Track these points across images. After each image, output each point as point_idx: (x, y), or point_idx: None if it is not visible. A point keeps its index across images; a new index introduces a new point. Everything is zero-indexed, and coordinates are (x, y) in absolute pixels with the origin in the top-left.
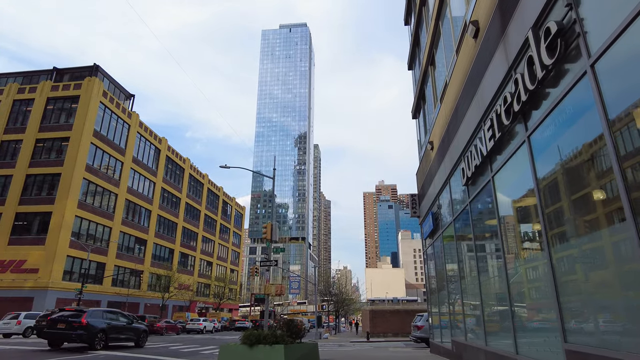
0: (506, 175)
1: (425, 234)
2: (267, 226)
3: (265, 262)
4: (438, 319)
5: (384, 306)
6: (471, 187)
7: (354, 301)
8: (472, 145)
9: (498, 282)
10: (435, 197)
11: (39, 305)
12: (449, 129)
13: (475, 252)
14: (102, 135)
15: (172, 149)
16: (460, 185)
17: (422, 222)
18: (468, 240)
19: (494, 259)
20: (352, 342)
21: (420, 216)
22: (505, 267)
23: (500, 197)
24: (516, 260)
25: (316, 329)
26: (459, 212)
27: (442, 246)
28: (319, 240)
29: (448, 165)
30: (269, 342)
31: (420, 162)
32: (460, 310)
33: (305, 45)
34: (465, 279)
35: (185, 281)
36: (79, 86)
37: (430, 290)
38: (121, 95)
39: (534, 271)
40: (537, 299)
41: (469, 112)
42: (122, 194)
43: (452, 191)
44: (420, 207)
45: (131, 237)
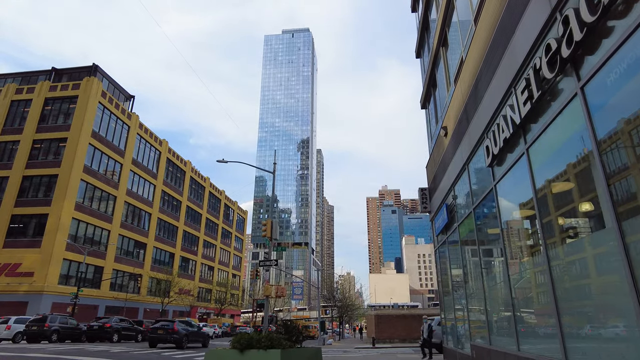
0: (546, 143)
1: (438, 230)
2: (266, 223)
3: (264, 262)
4: (453, 323)
5: (390, 311)
6: (497, 167)
7: (358, 306)
8: (499, 116)
9: (536, 278)
10: (449, 188)
11: (33, 309)
12: (467, 108)
13: (505, 242)
14: (100, 136)
15: (172, 152)
16: (482, 167)
17: (434, 218)
18: (493, 230)
19: (532, 249)
20: (358, 349)
21: (431, 211)
22: (547, 258)
23: (538, 172)
24: (562, 248)
25: (320, 335)
26: (480, 198)
27: (459, 240)
28: (322, 245)
29: (466, 148)
30: (263, 346)
31: (430, 154)
32: (480, 311)
33: (308, 51)
34: (489, 276)
35: (186, 286)
36: (77, 86)
37: (443, 291)
38: (121, 96)
39: (600, 262)
40: (605, 295)
41: (494, 81)
42: (121, 197)
43: (471, 177)
44: (432, 201)
45: (130, 241)
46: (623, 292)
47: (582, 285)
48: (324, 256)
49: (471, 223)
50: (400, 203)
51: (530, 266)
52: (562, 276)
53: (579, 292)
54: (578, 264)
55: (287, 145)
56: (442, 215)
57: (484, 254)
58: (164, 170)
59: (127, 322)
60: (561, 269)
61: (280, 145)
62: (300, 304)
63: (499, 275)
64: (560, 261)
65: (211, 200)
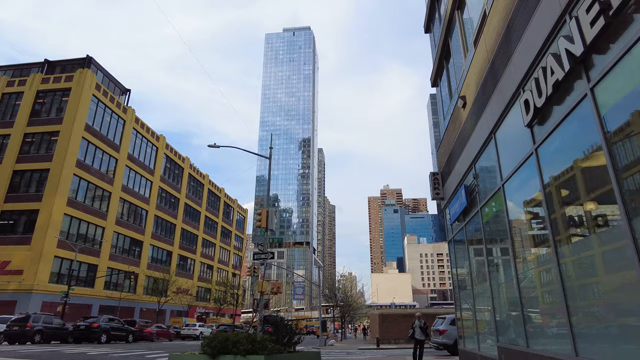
0: (624, 75)
1: (453, 217)
2: (261, 212)
3: (259, 255)
4: (473, 322)
5: (395, 310)
6: (539, 126)
7: (360, 305)
8: (546, 57)
9: (607, 265)
10: (469, 166)
11: (22, 309)
12: (495, 65)
13: (552, 219)
14: (94, 130)
15: (170, 147)
16: (515, 132)
17: (448, 205)
18: (533, 207)
19: (600, 226)
20: (361, 350)
21: (444, 198)
22: (634, 242)
23: (610, 117)
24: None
25: (320, 336)
26: (514, 169)
27: (481, 225)
28: (324, 245)
29: (493, 112)
30: (241, 350)
31: (442, 136)
32: (512, 308)
33: (309, 49)
34: (526, 264)
35: (184, 285)
36: (70, 79)
37: (458, 286)
38: (116, 89)
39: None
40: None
41: (538, 13)
42: (116, 192)
43: (499, 147)
44: (445, 186)
45: (126, 238)
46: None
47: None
48: (325, 256)
49: (499, 202)
50: (402, 202)
51: (596, 250)
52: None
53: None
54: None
55: (288, 144)
56: (459, 199)
57: (522, 237)
58: (161, 167)
59: (117, 321)
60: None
61: (282, 144)
62: (302, 304)
63: (540, 263)
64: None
65: (210, 198)
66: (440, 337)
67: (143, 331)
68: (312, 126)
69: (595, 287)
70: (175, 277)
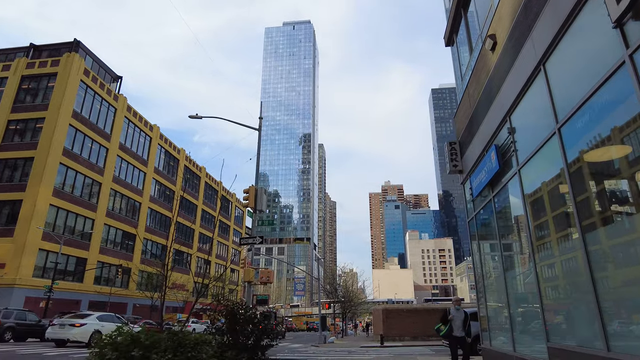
0: None
1: (477, 190)
2: (249, 191)
3: (246, 239)
4: (504, 316)
5: (400, 305)
6: (634, 22)
7: (362, 300)
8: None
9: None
10: (502, 120)
11: (3, 304)
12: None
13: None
14: (83, 117)
15: (165, 138)
16: (587, 45)
17: (468, 177)
18: (613, 151)
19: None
20: (364, 348)
21: (462, 171)
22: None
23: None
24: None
25: (320, 332)
26: (589, 93)
27: (520, 192)
28: (325, 241)
29: (544, 35)
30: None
31: (461, 99)
32: (573, 296)
33: (309, 43)
34: (601, 237)
35: (179, 280)
36: (57, 63)
37: (483, 274)
38: (107, 76)
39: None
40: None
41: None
42: (107, 183)
43: (551, 80)
44: (464, 157)
45: (118, 231)
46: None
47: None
48: (326, 252)
49: (552, 154)
50: (403, 198)
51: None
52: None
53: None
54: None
55: (288, 139)
56: (487, 164)
57: (583, 204)
58: (155, 158)
59: None
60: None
61: (282, 139)
62: (303, 301)
63: (624, 234)
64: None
65: (207, 191)
66: None
67: None
68: (312, 121)
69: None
70: (171, 271)
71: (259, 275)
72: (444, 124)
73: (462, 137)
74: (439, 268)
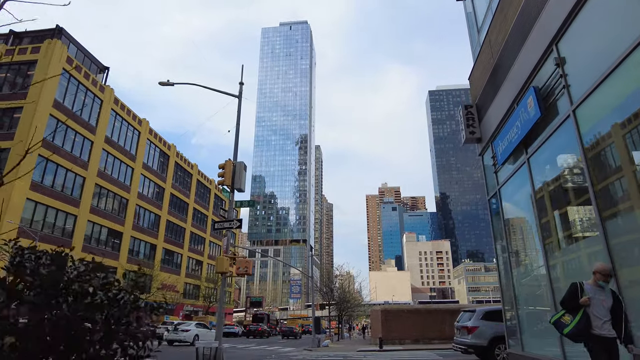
0: None
1: (503, 156)
2: (224, 165)
3: (221, 224)
4: (545, 313)
5: (400, 306)
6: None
7: (359, 302)
8: None
9: None
10: (544, 52)
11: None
12: None
13: None
14: (65, 107)
15: (154, 133)
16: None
17: (489, 143)
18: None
19: None
20: (361, 352)
21: (481, 138)
22: None
23: None
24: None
25: (314, 335)
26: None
27: (579, 144)
28: (321, 243)
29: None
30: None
31: (479, 52)
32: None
33: (306, 43)
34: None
35: (166, 279)
36: (37, 50)
37: (512, 262)
38: (92, 66)
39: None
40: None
41: None
42: (91, 178)
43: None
44: (484, 121)
45: (103, 229)
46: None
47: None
48: (323, 254)
49: (630, 78)
50: (400, 201)
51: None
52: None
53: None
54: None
55: (284, 140)
56: (522, 115)
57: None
58: (143, 153)
59: None
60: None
61: (278, 140)
62: (299, 303)
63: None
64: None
65: (200, 189)
66: (470, 337)
67: None
68: (309, 122)
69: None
70: (160, 272)
71: (236, 265)
72: (441, 126)
73: (481, 100)
74: (437, 270)
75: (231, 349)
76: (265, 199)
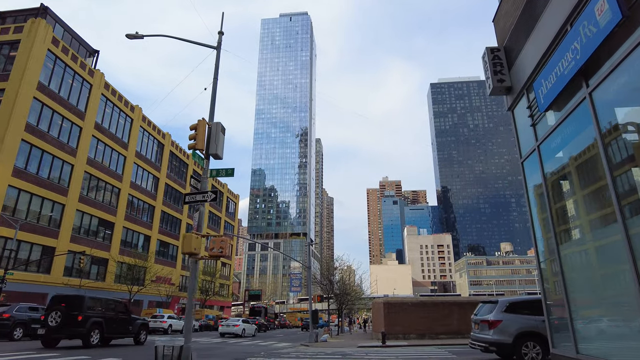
0: None
1: (550, 96)
2: (196, 126)
3: (192, 197)
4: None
5: (405, 298)
6: None
7: (360, 294)
8: None
9: None
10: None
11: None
12: None
13: None
14: (51, 91)
15: (148, 120)
16: None
17: (523, 92)
18: None
19: None
20: (362, 348)
21: (512, 87)
22: None
23: None
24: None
25: (311, 329)
26: None
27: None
28: (322, 237)
29: None
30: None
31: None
32: None
33: (306, 35)
34: None
35: (160, 271)
36: (20, 29)
37: (556, 236)
38: (81, 49)
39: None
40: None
41: None
42: (79, 165)
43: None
44: (516, 65)
45: (93, 218)
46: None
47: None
48: (323, 248)
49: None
50: (401, 194)
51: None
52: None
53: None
54: None
55: (284, 133)
56: (585, 30)
57: None
58: (136, 141)
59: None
60: None
61: (278, 133)
62: (299, 296)
63: None
64: None
65: None
66: (491, 333)
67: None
68: (309, 114)
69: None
70: (154, 264)
71: (209, 245)
72: (443, 119)
73: (511, 41)
74: (438, 264)
75: (221, 345)
76: (266, 192)
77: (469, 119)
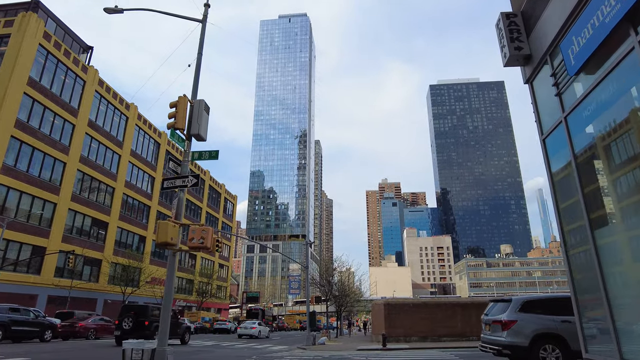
0: None
1: (585, 52)
2: (177, 103)
3: (172, 182)
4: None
5: (406, 299)
6: None
7: (360, 296)
8: None
9: None
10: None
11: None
12: None
13: None
14: (42, 87)
15: (143, 119)
16: None
17: (546, 57)
18: None
19: None
20: (362, 351)
21: (531, 56)
22: None
23: None
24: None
25: (308, 331)
26: None
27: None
28: (321, 239)
29: None
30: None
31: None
32: None
33: (305, 36)
34: None
35: (157, 273)
36: (10, 24)
37: (590, 224)
38: (74, 44)
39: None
40: None
41: None
42: (72, 164)
43: None
44: (536, 29)
45: (86, 218)
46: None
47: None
48: (322, 250)
49: None
50: (400, 196)
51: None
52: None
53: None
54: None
55: (283, 135)
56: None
57: None
58: (131, 139)
59: (26, 312)
60: None
61: (277, 134)
62: (298, 299)
63: None
64: None
65: None
66: (504, 335)
67: (74, 326)
68: (308, 116)
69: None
70: (149, 265)
71: (189, 236)
72: (443, 120)
73: (529, 4)
74: (437, 266)
75: (214, 348)
76: (264, 194)
77: (468, 121)
